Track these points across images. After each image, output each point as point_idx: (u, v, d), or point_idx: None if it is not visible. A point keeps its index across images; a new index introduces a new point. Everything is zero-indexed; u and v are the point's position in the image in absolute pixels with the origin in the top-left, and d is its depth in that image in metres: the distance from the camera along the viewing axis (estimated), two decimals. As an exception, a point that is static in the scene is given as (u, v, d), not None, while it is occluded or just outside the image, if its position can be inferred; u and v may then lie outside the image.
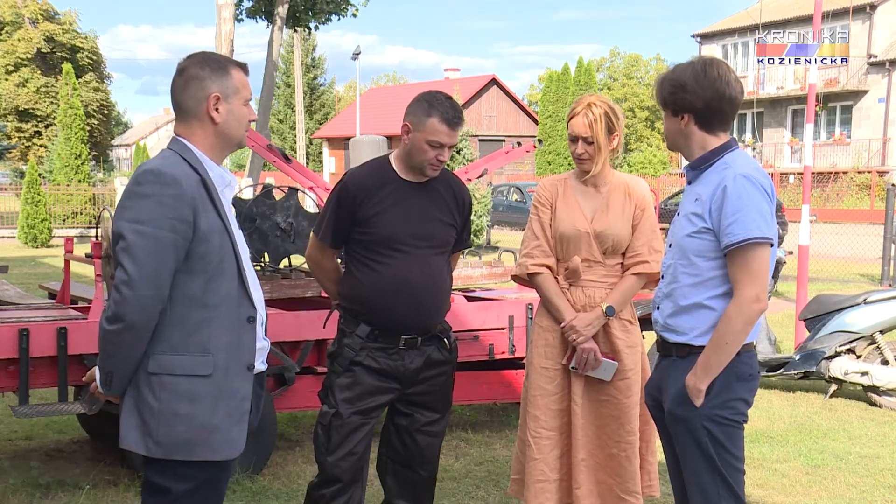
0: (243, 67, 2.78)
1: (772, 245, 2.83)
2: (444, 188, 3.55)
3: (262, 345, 2.79)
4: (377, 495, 4.09)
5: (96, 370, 2.67)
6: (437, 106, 3.38)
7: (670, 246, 3.06)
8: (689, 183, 3.08)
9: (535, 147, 8.06)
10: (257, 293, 2.77)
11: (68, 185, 23.09)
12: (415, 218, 3.45)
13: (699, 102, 2.89)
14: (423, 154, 3.39)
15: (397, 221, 3.42)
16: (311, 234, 3.66)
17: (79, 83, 27.20)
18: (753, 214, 2.79)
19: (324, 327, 4.10)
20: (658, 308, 3.08)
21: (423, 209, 3.47)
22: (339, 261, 3.74)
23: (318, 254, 3.64)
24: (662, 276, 3.10)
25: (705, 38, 39.00)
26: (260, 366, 2.78)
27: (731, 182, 2.82)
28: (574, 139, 3.64)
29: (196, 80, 2.69)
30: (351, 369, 3.45)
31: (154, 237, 2.51)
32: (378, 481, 3.79)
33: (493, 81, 46.44)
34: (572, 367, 3.65)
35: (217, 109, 2.67)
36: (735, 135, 35.43)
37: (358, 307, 3.46)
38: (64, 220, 22.78)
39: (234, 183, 2.80)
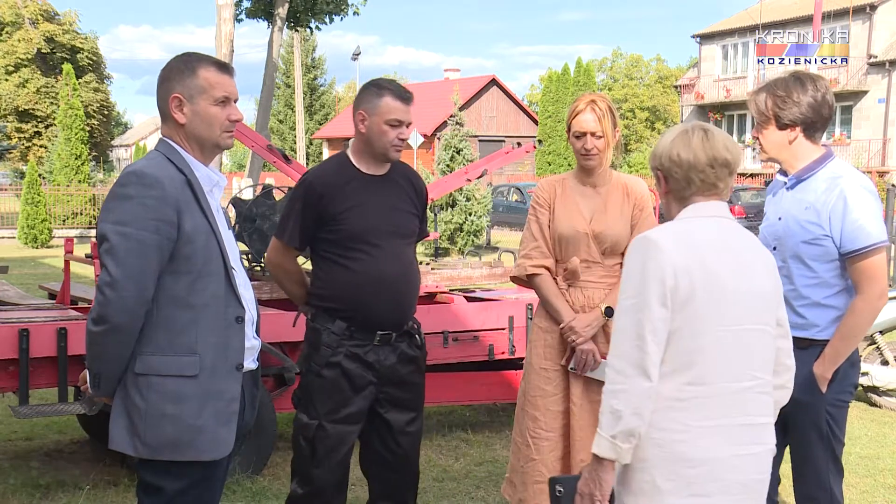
0: (220, 66, 2.71)
1: (886, 245, 3.10)
2: (403, 179, 3.57)
3: (253, 344, 2.79)
4: (363, 497, 4.05)
5: (87, 371, 2.68)
6: (386, 86, 3.43)
7: (774, 249, 3.21)
8: (788, 188, 3.25)
9: (534, 147, 8.07)
10: (247, 292, 2.76)
11: (68, 186, 23.09)
12: (384, 211, 3.45)
13: (812, 115, 3.14)
14: (385, 136, 3.38)
15: (368, 216, 3.41)
16: (274, 238, 3.61)
17: (79, 84, 27.18)
18: (874, 222, 3.05)
19: (294, 326, 3.98)
20: None
21: (389, 201, 3.48)
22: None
23: (281, 257, 3.59)
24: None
25: (705, 38, 38.99)
26: (251, 364, 2.78)
27: (851, 193, 3.06)
28: (581, 135, 3.64)
29: (164, 81, 2.69)
30: (328, 372, 3.40)
31: (137, 239, 2.52)
32: (361, 484, 3.76)
33: (493, 82, 46.45)
34: (571, 368, 3.65)
35: (181, 110, 2.66)
36: (735, 135, 35.55)
37: (334, 305, 3.42)
38: (64, 221, 22.78)
39: (221, 183, 2.78)
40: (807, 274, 3.15)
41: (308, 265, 6.62)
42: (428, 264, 7.11)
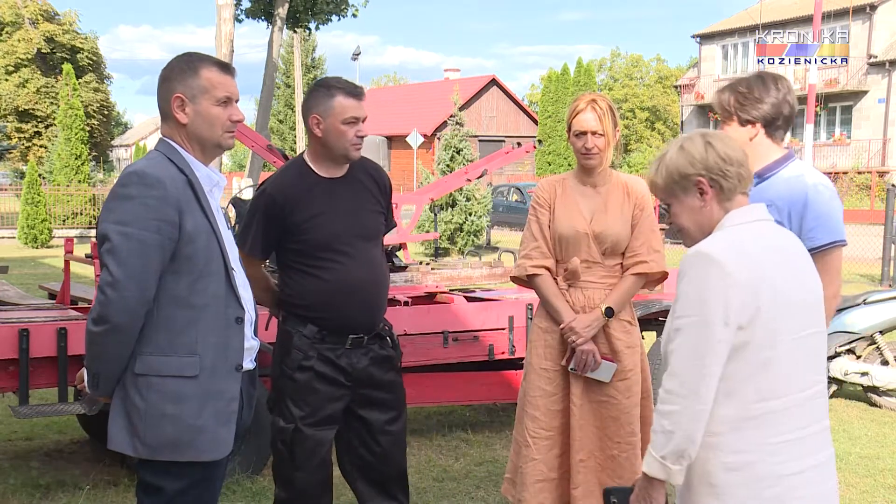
0: (221, 66, 2.71)
1: (844, 245, 3.10)
2: (365, 177, 3.51)
3: (251, 344, 2.79)
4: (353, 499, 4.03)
5: (84, 371, 2.67)
6: (336, 85, 3.36)
7: None
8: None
9: (534, 147, 8.08)
10: (246, 293, 2.77)
11: (68, 186, 23.06)
12: (348, 215, 3.41)
13: (773, 112, 3.13)
14: (343, 136, 3.32)
15: (333, 223, 3.37)
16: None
17: (79, 84, 27.14)
18: (834, 220, 3.07)
19: (266, 329, 3.92)
20: None
21: (353, 204, 3.43)
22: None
23: (244, 266, 3.57)
24: None
25: (705, 38, 38.98)
26: (248, 364, 2.78)
27: (813, 191, 3.06)
28: (581, 134, 3.63)
29: (165, 81, 2.68)
30: (301, 375, 3.38)
31: (139, 239, 2.51)
32: (347, 487, 3.76)
33: (493, 82, 46.45)
34: (571, 369, 3.65)
35: (183, 111, 2.65)
36: (735, 135, 35.40)
37: (305, 313, 3.40)
38: (64, 221, 22.75)
39: (221, 183, 2.78)
40: None
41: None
42: (428, 264, 7.11)
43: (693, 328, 2.24)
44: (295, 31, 30.17)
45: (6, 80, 40.43)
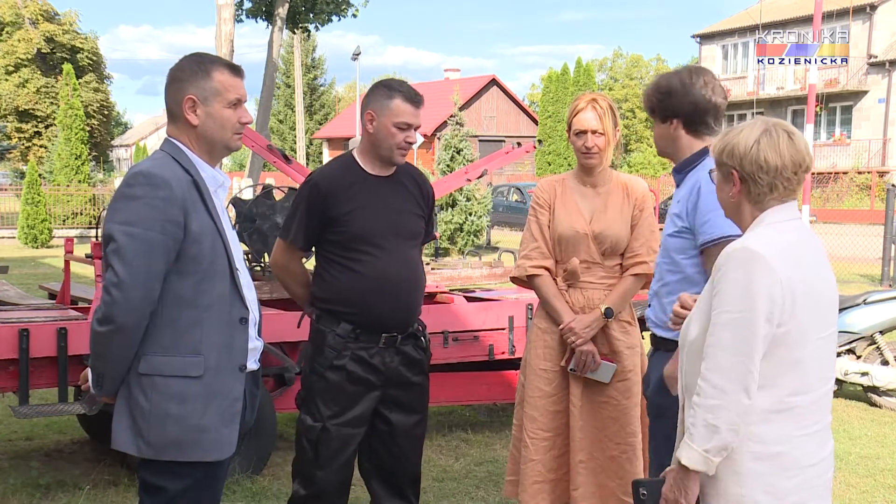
0: (232, 69, 2.72)
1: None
2: (409, 181, 3.55)
3: (255, 345, 2.79)
4: (363, 497, 4.05)
5: (89, 371, 2.67)
6: (397, 87, 3.40)
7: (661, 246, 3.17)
8: (677, 186, 3.20)
9: (534, 147, 8.07)
10: (250, 293, 2.76)
11: (68, 186, 23.07)
12: (389, 212, 3.43)
13: (687, 107, 3.06)
14: (392, 138, 3.36)
15: (372, 217, 3.39)
16: (279, 239, 3.58)
17: (79, 83, 27.13)
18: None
19: (298, 327, 3.93)
20: (650, 306, 3.19)
21: (394, 203, 3.46)
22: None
23: (286, 258, 3.56)
24: (655, 275, 3.23)
25: (705, 38, 38.98)
26: (252, 364, 2.78)
27: (705, 181, 2.91)
28: (581, 133, 3.63)
29: (175, 82, 2.68)
30: (332, 375, 3.39)
31: (144, 239, 2.51)
32: (361, 483, 3.76)
33: (493, 82, 46.44)
34: (571, 369, 3.65)
35: (194, 112, 2.65)
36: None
37: (339, 308, 3.41)
38: (64, 221, 22.75)
39: (226, 183, 2.78)
40: (673, 269, 3.06)
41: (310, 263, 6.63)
42: (428, 264, 7.11)
43: (738, 323, 2.25)
44: (295, 32, 30.15)
45: (6, 80, 40.42)
